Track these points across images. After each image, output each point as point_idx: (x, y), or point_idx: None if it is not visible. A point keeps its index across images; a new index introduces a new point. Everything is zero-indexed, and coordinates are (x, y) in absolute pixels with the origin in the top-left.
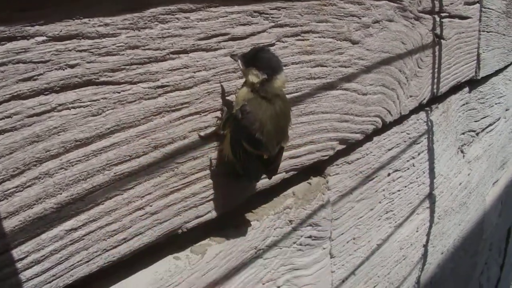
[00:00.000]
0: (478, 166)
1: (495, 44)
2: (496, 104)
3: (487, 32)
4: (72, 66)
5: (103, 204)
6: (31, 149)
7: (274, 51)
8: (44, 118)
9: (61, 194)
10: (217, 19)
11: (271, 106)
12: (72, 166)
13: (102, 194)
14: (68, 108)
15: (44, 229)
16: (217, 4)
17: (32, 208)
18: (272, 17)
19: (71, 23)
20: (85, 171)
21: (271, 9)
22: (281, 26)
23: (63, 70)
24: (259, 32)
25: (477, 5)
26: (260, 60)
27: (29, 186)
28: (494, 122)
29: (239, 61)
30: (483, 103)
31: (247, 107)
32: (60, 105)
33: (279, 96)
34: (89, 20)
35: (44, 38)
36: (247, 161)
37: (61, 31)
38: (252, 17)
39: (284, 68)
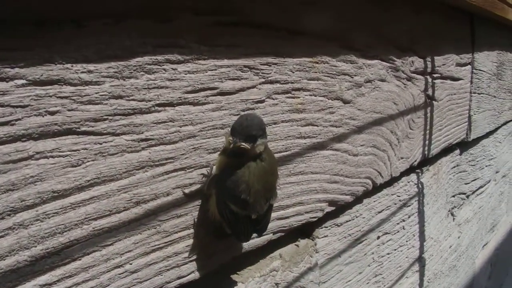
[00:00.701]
0: (468, 229)
1: (486, 106)
2: (486, 166)
3: (478, 94)
4: (52, 113)
5: (80, 259)
6: (6, 197)
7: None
8: (21, 166)
9: (35, 247)
10: (206, 72)
11: (259, 163)
12: (49, 218)
13: (80, 249)
14: (46, 157)
15: (16, 283)
16: (206, 56)
17: (4, 260)
18: (263, 73)
19: (53, 67)
20: (62, 224)
21: (261, 64)
22: (271, 82)
23: (43, 116)
24: (248, 88)
25: (469, 66)
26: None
27: (2, 236)
28: (485, 185)
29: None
30: (474, 165)
31: (233, 167)
32: (38, 153)
33: (266, 152)
34: (72, 66)
35: (24, 81)
36: (235, 221)
37: (42, 75)
38: (242, 71)
39: (273, 125)
